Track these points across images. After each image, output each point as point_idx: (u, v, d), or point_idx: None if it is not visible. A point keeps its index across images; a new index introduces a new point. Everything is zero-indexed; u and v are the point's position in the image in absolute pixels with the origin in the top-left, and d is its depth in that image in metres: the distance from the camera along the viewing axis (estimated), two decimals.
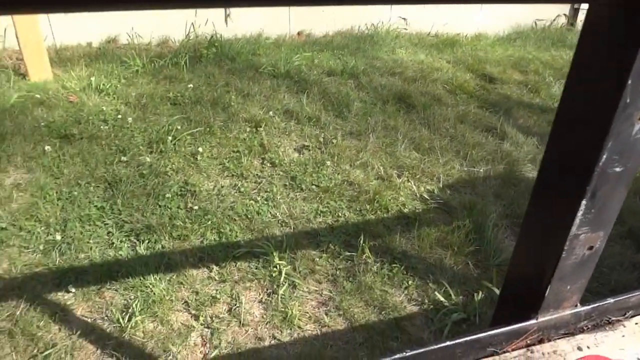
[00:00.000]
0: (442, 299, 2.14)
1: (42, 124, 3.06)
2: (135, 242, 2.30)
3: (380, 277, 2.22)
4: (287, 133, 3.15)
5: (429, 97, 3.88)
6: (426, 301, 2.16)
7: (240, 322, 1.99)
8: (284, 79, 3.92)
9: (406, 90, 3.89)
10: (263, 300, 2.10)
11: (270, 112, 3.32)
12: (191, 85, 3.61)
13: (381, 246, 2.38)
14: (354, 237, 2.41)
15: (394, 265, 2.28)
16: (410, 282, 2.22)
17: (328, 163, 2.87)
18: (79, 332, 1.90)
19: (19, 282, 2.09)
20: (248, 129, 3.16)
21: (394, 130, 3.24)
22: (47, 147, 2.82)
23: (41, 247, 2.26)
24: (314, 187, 2.70)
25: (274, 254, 2.23)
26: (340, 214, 2.55)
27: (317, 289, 2.17)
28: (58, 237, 2.29)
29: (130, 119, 3.12)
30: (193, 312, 2.02)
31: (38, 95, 3.33)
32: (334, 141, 3.07)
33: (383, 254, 2.34)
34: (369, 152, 3.00)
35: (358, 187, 2.73)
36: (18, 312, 1.97)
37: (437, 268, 2.31)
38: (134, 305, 1.99)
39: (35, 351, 1.84)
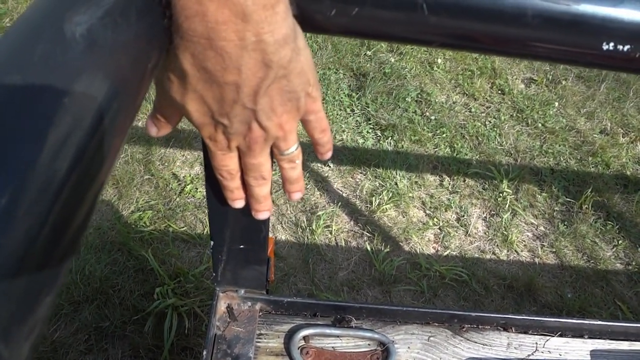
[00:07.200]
0: None
1: None
2: (380, 137, 2.62)
3: (594, 230, 2.40)
4: (516, 62, 3.20)
5: None
6: (633, 263, 2.33)
7: (466, 232, 2.30)
8: None
9: None
10: (487, 219, 2.37)
11: None
12: None
13: (598, 201, 2.51)
14: (572, 185, 2.56)
15: (608, 222, 2.43)
16: (620, 241, 2.38)
17: (556, 104, 2.94)
18: (339, 203, 2.31)
19: None
20: None
21: (625, 85, 3.17)
22: None
23: None
24: (539, 125, 2.82)
25: (504, 181, 2.45)
26: (562, 159, 2.68)
27: (534, 222, 2.40)
28: None
29: None
30: (428, 212, 2.35)
31: None
32: (563, 82, 3.09)
33: (599, 209, 2.48)
34: (596, 102, 3.01)
35: (582, 137, 2.80)
36: None
37: None
38: (383, 193, 2.34)
39: (308, 208, 2.28)
